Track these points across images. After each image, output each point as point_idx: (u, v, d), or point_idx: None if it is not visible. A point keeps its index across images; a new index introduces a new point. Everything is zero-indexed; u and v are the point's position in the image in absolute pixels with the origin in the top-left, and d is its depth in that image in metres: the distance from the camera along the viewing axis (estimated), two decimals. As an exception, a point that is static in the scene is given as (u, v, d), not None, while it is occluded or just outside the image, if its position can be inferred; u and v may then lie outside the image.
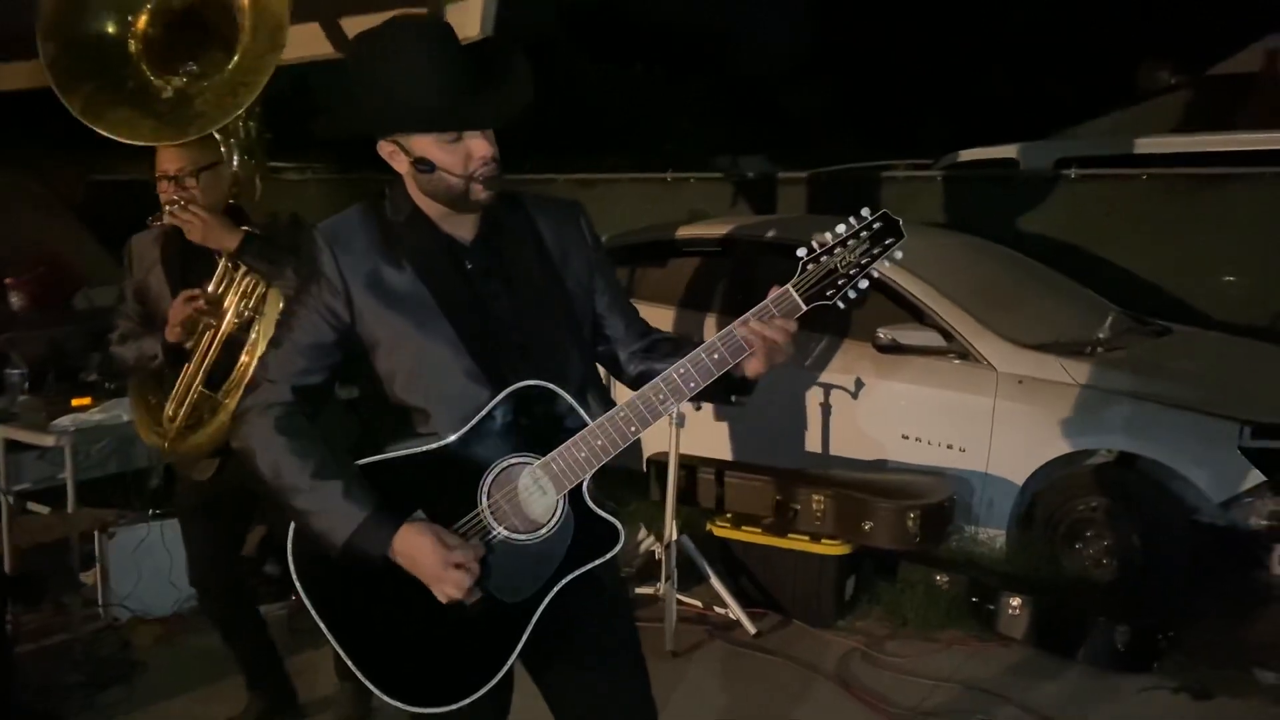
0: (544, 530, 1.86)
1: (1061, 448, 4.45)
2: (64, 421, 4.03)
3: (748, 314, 1.85)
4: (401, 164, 1.89)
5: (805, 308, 1.85)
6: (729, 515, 4.55)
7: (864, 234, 1.85)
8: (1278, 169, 6.09)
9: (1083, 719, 3.54)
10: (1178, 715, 3.56)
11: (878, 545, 4.28)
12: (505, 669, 1.88)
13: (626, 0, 15.88)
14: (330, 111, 1.93)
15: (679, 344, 2.03)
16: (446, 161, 1.84)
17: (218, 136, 3.07)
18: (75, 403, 4.18)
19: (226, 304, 2.98)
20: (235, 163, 3.12)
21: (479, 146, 1.85)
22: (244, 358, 2.99)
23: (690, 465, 4.76)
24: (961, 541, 4.57)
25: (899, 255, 1.85)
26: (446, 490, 1.85)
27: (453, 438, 1.85)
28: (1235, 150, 6.64)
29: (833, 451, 4.89)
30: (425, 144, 1.84)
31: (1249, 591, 4.19)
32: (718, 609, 4.26)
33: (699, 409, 5.04)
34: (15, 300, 5.65)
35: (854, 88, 18.00)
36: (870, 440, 4.83)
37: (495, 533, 1.86)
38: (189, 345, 3.02)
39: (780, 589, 4.32)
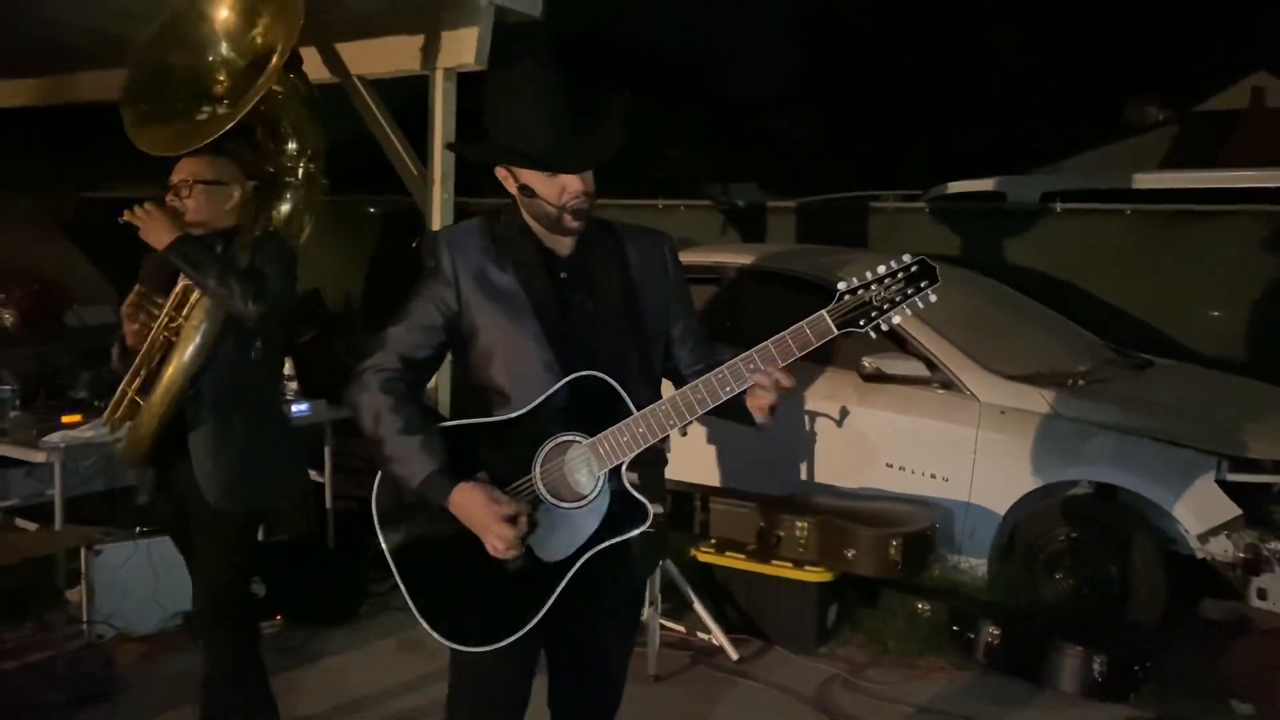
0: (585, 501, 2.12)
1: (1042, 478, 4.52)
2: (54, 438, 4.05)
3: (783, 333, 2.05)
4: (511, 187, 2.21)
5: (837, 332, 2.05)
6: (713, 541, 4.58)
7: (900, 275, 2.04)
8: (1256, 206, 6.20)
9: (1060, 748, 3.58)
10: (1154, 745, 3.61)
11: (860, 573, 4.32)
12: (537, 620, 2.13)
13: (615, 27, 16.04)
14: (467, 140, 2.31)
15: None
16: (545, 191, 2.16)
17: (230, 164, 3.22)
18: (65, 420, 4.20)
19: (168, 310, 3.04)
20: (288, 199, 3.49)
21: (573, 183, 2.15)
22: (171, 360, 3.01)
23: (676, 491, 4.79)
24: (943, 570, 4.61)
25: (933, 298, 2.04)
26: (506, 456, 2.14)
27: (517, 413, 2.14)
28: (1216, 187, 6.75)
29: (817, 479, 4.94)
30: (529, 174, 2.16)
31: (1226, 623, 4.24)
32: (701, 634, 4.28)
33: (684, 435, 5.08)
34: (7, 317, 5.67)
35: (844, 118, 18.18)
36: (854, 468, 4.88)
37: (542, 498, 2.12)
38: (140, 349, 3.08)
39: (763, 615, 4.35)
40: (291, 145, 3.79)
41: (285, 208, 3.73)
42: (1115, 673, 3.88)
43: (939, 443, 4.73)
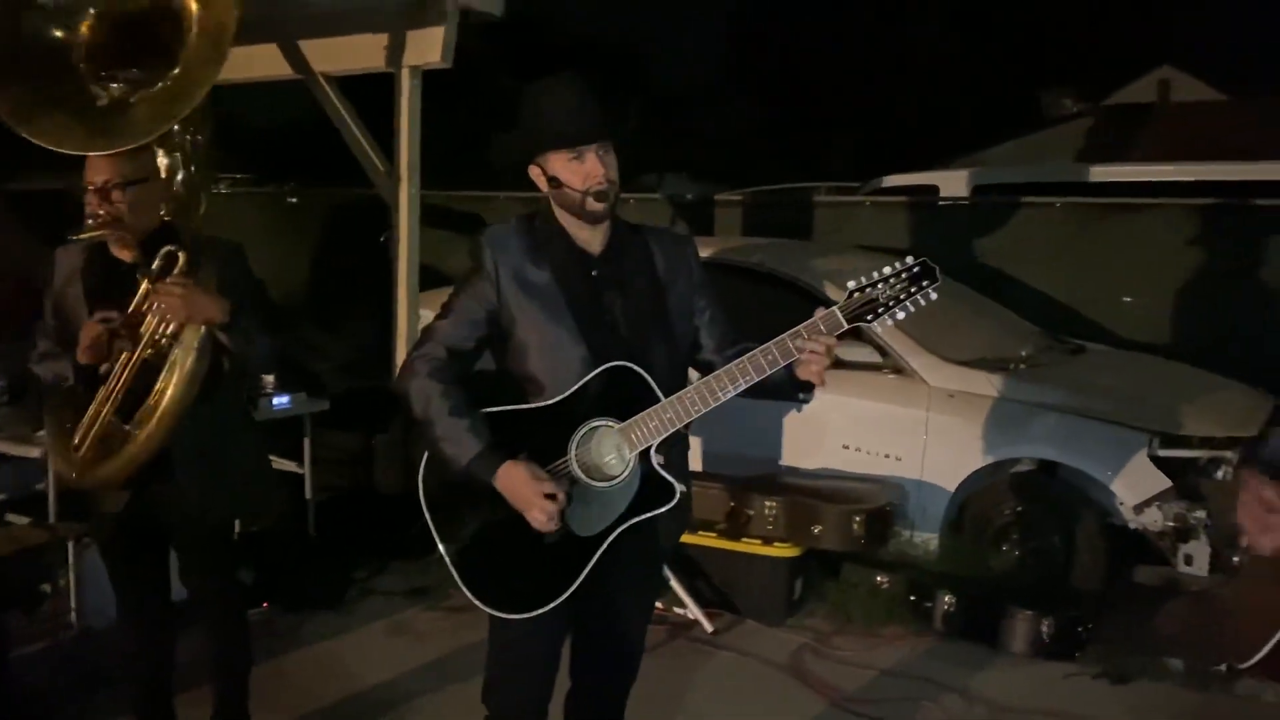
0: (617, 480, 2.33)
1: (989, 457, 4.83)
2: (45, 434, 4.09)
3: (799, 326, 2.25)
4: (543, 183, 2.40)
5: (846, 325, 2.26)
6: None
7: (904, 275, 2.25)
8: (1177, 200, 6.62)
9: (1015, 703, 3.89)
10: (1099, 698, 3.93)
11: (826, 547, 4.60)
12: (573, 589, 2.33)
13: (551, 18, 16.12)
14: (500, 142, 2.45)
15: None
16: (570, 178, 2.34)
17: (157, 150, 2.84)
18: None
19: (144, 328, 2.78)
20: (178, 178, 2.87)
21: (595, 167, 2.34)
22: (159, 384, 2.77)
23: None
24: (899, 544, 4.91)
25: (934, 296, 2.25)
26: (545, 439, 2.34)
27: (554, 400, 2.34)
28: (1138, 181, 7.18)
29: (781, 461, 5.20)
30: (557, 164, 2.35)
31: (1157, 587, 4.62)
32: (677, 610, 4.51)
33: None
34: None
35: (776, 110, 18.53)
36: (814, 450, 5.15)
37: (578, 477, 2.32)
38: (103, 369, 2.81)
39: (735, 589, 4.60)
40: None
41: (177, 189, 3.06)
42: (1061, 634, 4.21)
43: (892, 425, 5.02)
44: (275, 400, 4.78)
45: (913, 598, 4.53)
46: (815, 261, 5.68)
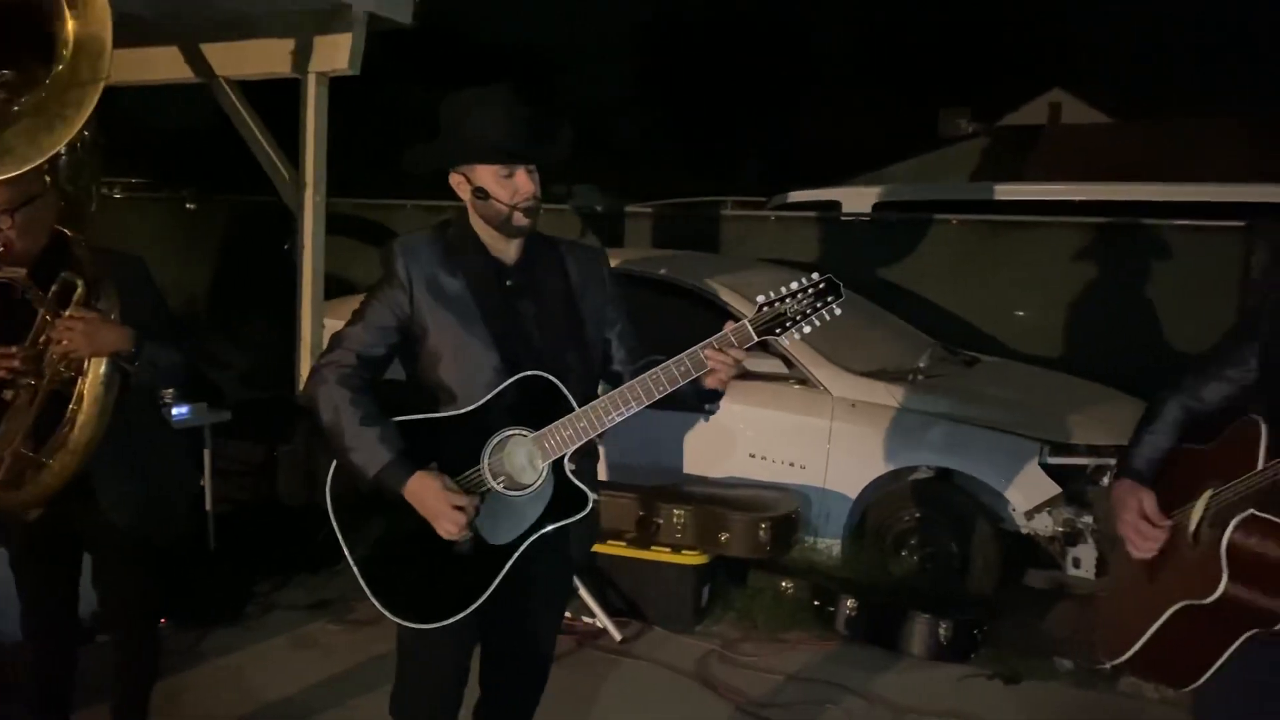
0: (529, 489, 2.34)
1: (889, 465, 4.98)
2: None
3: (711, 339, 2.29)
4: (465, 192, 2.42)
5: (756, 339, 2.31)
6: (594, 531, 4.84)
7: (811, 290, 2.30)
8: (1067, 218, 6.92)
9: (914, 704, 4.00)
10: (993, 698, 4.07)
11: (733, 554, 4.67)
12: (484, 598, 2.34)
13: (458, 27, 16.06)
14: (418, 149, 2.43)
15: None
16: (498, 192, 2.37)
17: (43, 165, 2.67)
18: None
19: (46, 362, 2.68)
20: (66, 186, 2.81)
21: (525, 184, 2.37)
22: (69, 413, 2.69)
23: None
24: (803, 551, 5.02)
25: (838, 311, 2.31)
26: (457, 448, 2.35)
27: (467, 409, 2.35)
28: (1030, 199, 7.47)
29: (687, 470, 5.27)
30: (485, 176, 2.36)
31: (1048, 590, 4.81)
32: (586, 619, 4.53)
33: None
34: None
35: (682, 123, 18.75)
36: (721, 459, 5.23)
37: (490, 487, 2.33)
38: (9, 397, 2.71)
39: (643, 597, 4.64)
40: None
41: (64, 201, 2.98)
42: (957, 636, 4.36)
43: (797, 434, 5.13)
44: (174, 411, 4.67)
45: (816, 603, 4.64)
46: (721, 274, 5.78)
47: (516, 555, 2.36)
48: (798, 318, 2.31)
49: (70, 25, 2.71)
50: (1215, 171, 7.30)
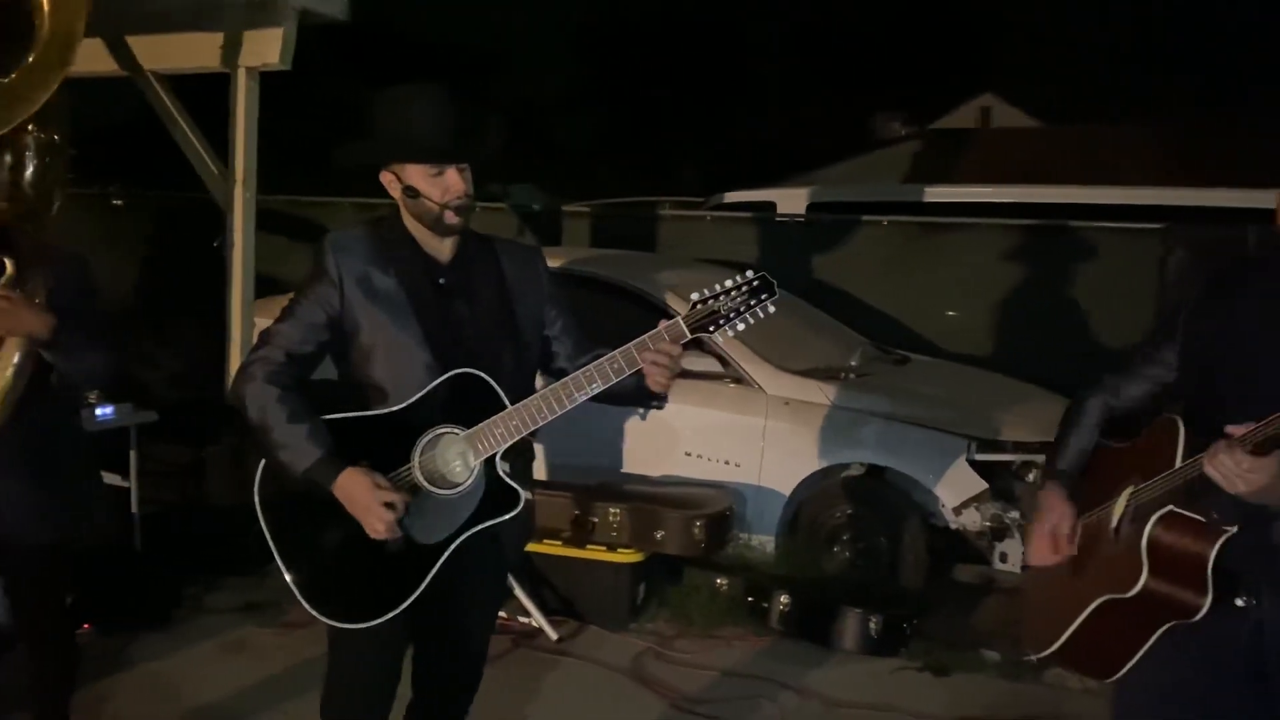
0: (460, 488, 2.32)
1: (822, 461, 5.05)
2: None
3: (645, 336, 2.29)
4: (395, 190, 2.39)
5: (690, 335, 2.31)
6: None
7: (745, 288, 2.30)
8: (994, 220, 7.06)
9: (846, 697, 4.06)
10: (922, 690, 4.15)
11: (668, 552, 4.70)
12: (414, 598, 2.32)
13: (393, 24, 15.88)
14: (348, 146, 2.42)
15: None
16: (429, 190, 2.35)
17: None
18: None
19: None
20: (26, 178, 2.77)
21: (455, 182, 2.36)
22: None
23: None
24: (738, 548, 5.07)
25: (772, 309, 2.32)
26: (387, 447, 2.32)
27: (398, 407, 2.33)
28: (960, 201, 7.62)
29: (626, 469, 5.29)
30: (416, 175, 2.34)
31: (976, 584, 4.91)
32: (521, 618, 4.52)
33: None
34: None
35: (620, 123, 18.76)
36: (657, 458, 5.26)
37: (421, 485, 2.31)
38: None
39: (579, 596, 4.65)
40: None
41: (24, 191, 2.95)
42: (888, 631, 4.43)
43: (732, 432, 5.18)
44: (99, 412, 4.56)
45: (750, 599, 4.68)
46: (658, 273, 5.81)
47: (447, 555, 2.34)
48: (731, 315, 2.31)
49: (47, 15, 2.85)
50: (1136, 175, 7.51)
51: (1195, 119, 12.29)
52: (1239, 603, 2.08)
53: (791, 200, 8.33)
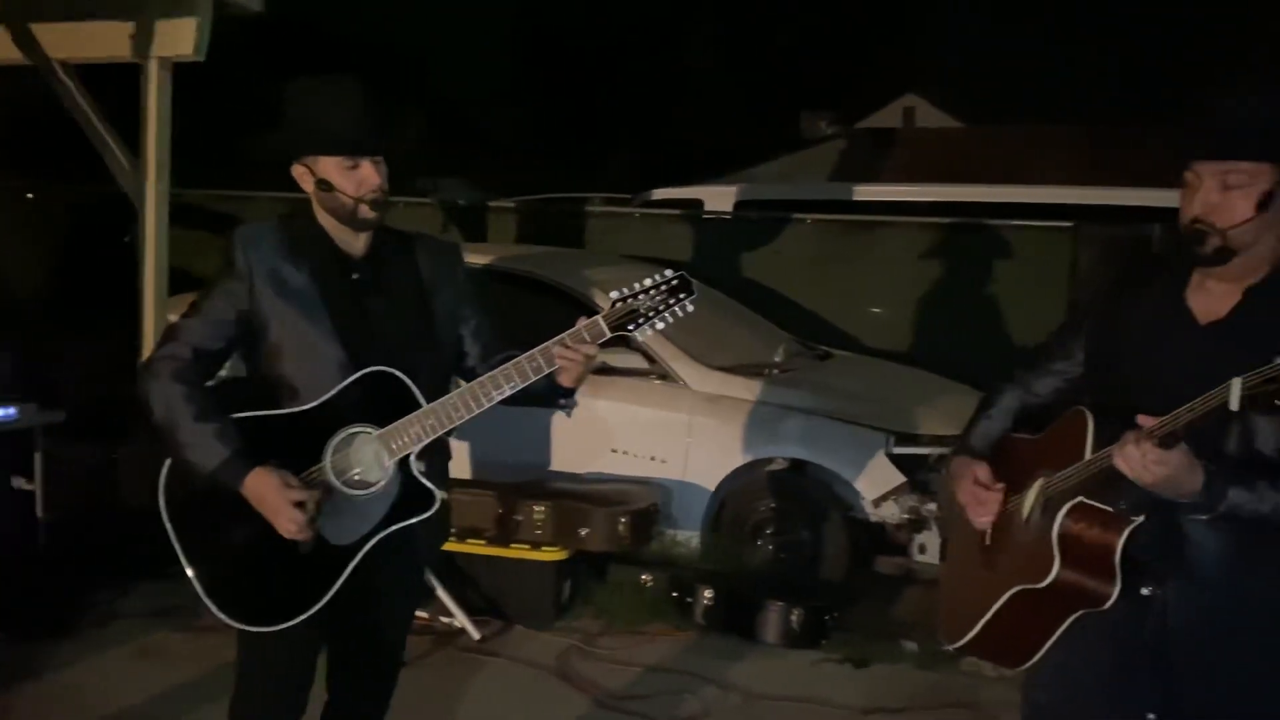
0: (374, 488, 2.28)
1: (746, 456, 5.08)
2: None
3: (564, 334, 2.26)
4: (308, 184, 2.34)
5: (610, 334, 2.29)
6: (454, 529, 4.77)
7: (664, 286, 2.28)
8: (915, 218, 7.18)
9: (767, 690, 4.09)
10: (842, 682, 4.20)
11: (593, 549, 4.69)
12: (326, 600, 2.27)
13: (320, 17, 15.60)
14: (261, 138, 2.36)
15: None
16: (343, 184, 2.30)
17: None
18: None
19: None
20: None
21: (370, 176, 2.30)
22: None
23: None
24: (663, 543, 5.08)
25: (690, 308, 2.30)
26: (298, 446, 2.27)
27: (310, 405, 2.28)
28: (881, 200, 7.73)
29: (553, 467, 5.27)
30: (329, 168, 2.30)
31: (895, 576, 4.99)
32: (444, 619, 4.48)
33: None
34: None
35: (551, 119, 18.67)
36: (584, 455, 5.25)
37: (333, 485, 2.27)
38: None
39: (503, 596, 4.62)
40: None
41: None
42: (809, 623, 4.48)
43: (658, 428, 5.19)
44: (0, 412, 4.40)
45: (675, 594, 4.69)
46: (585, 271, 5.79)
47: (360, 556, 2.29)
48: (650, 314, 2.29)
49: None
50: (1050, 175, 7.69)
51: (1110, 120, 12.61)
52: (1144, 591, 2.13)
53: (719, 198, 8.37)
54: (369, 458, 2.29)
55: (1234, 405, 1.80)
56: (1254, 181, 1.98)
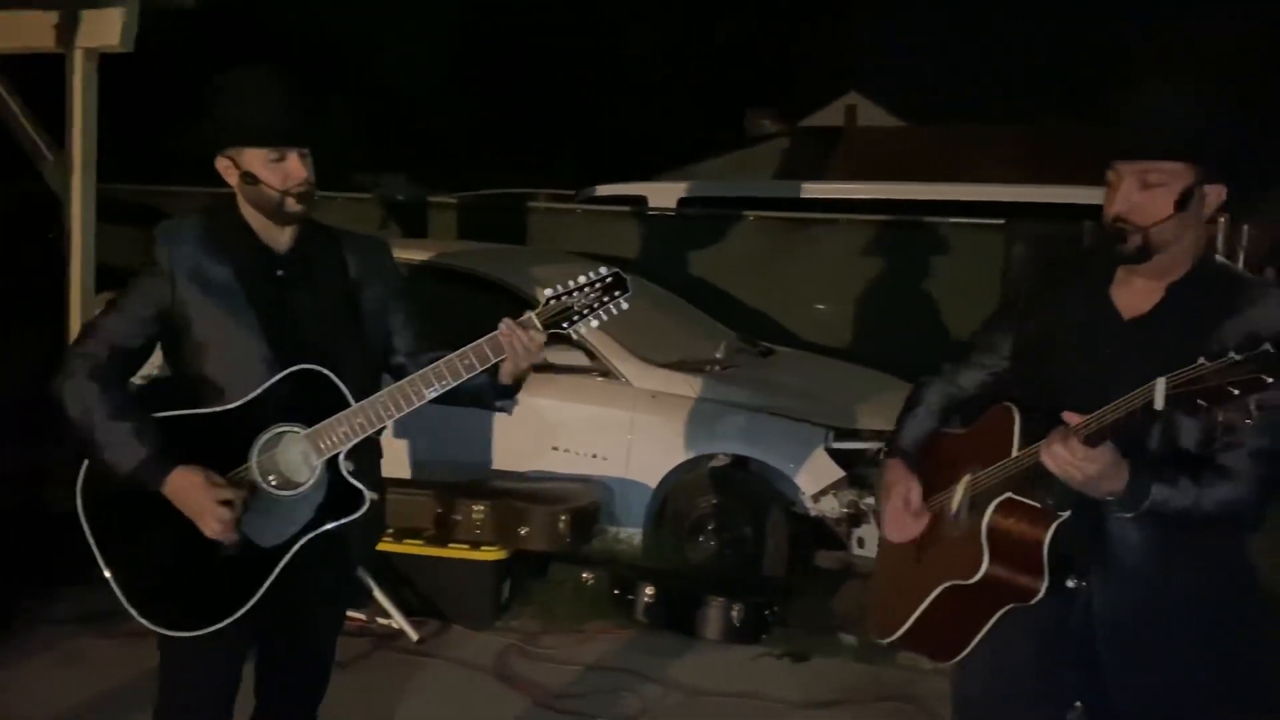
0: (301, 488, 2.23)
1: (688, 453, 5.08)
2: None
3: (495, 332, 2.22)
4: (232, 177, 2.27)
5: (544, 331, 2.25)
6: (391, 530, 4.71)
7: (598, 284, 2.25)
8: (856, 216, 7.24)
9: (708, 686, 4.09)
10: (782, 676, 4.21)
11: (533, 548, 4.65)
12: (252, 603, 2.23)
13: (257, 8, 15.34)
14: (185, 130, 2.31)
15: None
16: (269, 177, 2.24)
17: None
18: None
19: None
20: None
21: (297, 169, 2.25)
22: None
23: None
24: (605, 541, 5.06)
25: (625, 306, 2.27)
26: (223, 446, 2.22)
27: (235, 404, 2.23)
28: (823, 198, 7.78)
29: (495, 466, 5.22)
30: (254, 161, 2.24)
31: (835, 570, 5.02)
32: (381, 620, 4.42)
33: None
34: None
35: (494, 115, 18.54)
36: (525, 453, 5.20)
37: (259, 485, 2.22)
38: None
39: (442, 596, 4.56)
40: None
41: None
42: (750, 618, 4.48)
43: (599, 425, 5.16)
44: (-81, 413, 4.26)
45: (616, 592, 4.67)
46: (527, 267, 5.75)
47: (288, 558, 2.25)
48: (584, 311, 2.26)
49: None
50: (988, 173, 7.79)
51: (1048, 119, 12.82)
52: (1070, 584, 2.15)
53: (663, 194, 8.38)
54: (296, 457, 2.24)
55: (1159, 404, 1.83)
56: (1173, 180, 2.01)
